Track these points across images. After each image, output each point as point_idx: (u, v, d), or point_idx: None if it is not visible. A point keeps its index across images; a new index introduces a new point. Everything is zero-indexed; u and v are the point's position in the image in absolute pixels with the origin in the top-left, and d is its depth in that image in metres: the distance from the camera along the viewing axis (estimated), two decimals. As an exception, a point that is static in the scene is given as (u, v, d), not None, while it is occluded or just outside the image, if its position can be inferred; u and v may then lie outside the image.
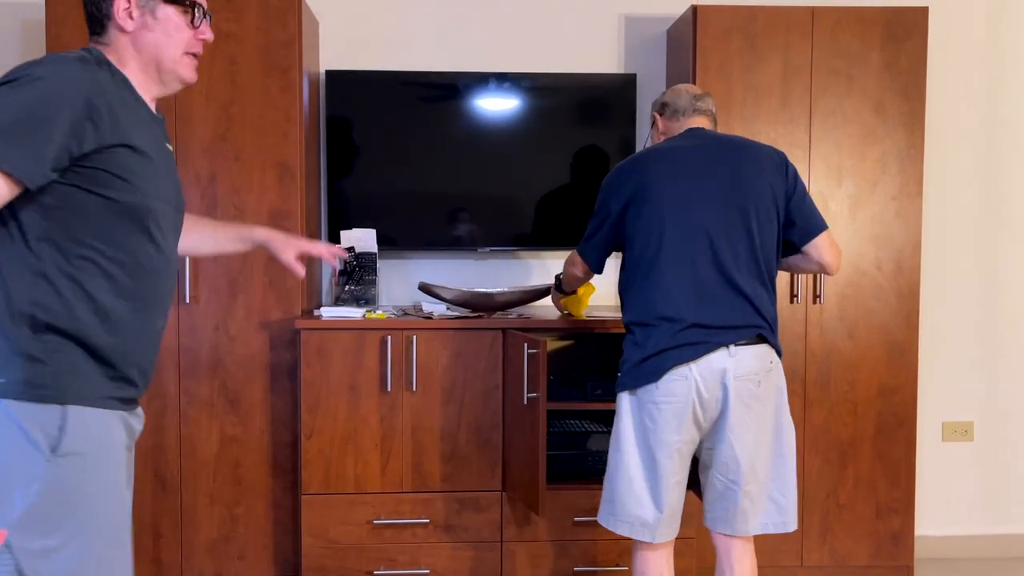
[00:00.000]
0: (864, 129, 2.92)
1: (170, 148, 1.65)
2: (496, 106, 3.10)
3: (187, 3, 1.57)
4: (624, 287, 2.20)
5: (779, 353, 2.14)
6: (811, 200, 2.18)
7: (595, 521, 2.30)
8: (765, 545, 2.94)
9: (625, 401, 2.14)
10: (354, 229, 3.01)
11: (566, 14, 3.24)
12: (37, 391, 1.42)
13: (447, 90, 3.09)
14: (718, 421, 2.08)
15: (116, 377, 1.50)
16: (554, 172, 3.12)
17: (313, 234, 3.03)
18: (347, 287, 2.99)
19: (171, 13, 1.55)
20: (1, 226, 1.44)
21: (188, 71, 1.60)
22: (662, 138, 2.29)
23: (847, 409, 2.94)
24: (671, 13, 3.20)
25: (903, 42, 2.90)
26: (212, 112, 2.77)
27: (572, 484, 2.76)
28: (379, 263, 3.06)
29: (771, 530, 2.17)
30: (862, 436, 2.95)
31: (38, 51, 2.94)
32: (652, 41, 3.25)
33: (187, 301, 2.77)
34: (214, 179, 2.78)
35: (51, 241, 1.43)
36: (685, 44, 2.96)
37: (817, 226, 2.16)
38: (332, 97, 3.06)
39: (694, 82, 2.87)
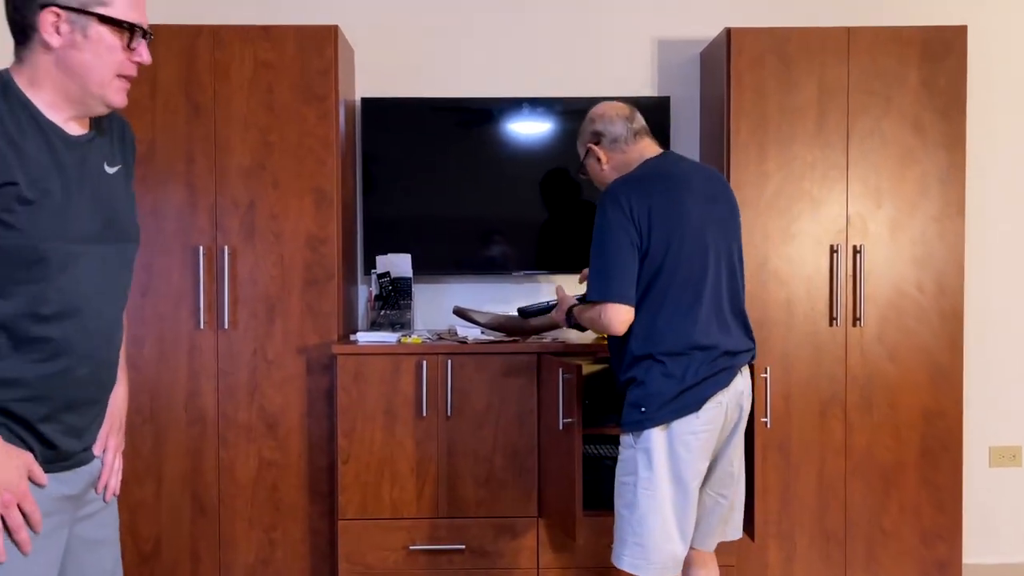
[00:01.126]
0: (903, 150, 2.88)
1: (108, 170, 1.49)
2: (529, 130, 3.12)
3: (124, 24, 1.40)
4: (647, 316, 2.08)
5: None
6: None
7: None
8: (807, 573, 2.89)
9: (657, 438, 2.05)
10: (389, 254, 3.04)
11: (599, 38, 3.26)
12: None
13: (481, 115, 3.12)
14: (725, 441, 2.15)
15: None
16: (588, 195, 3.12)
17: (350, 259, 3.06)
18: (382, 312, 3.01)
19: (104, 33, 1.39)
20: None
21: (117, 95, 1.44)
22: (607, 168, 2.25)
23: (890, 433, 2.88)
24: (704, 36, 3.19)
25: (942, 61, 2.87)
26: (251, 140, 2.82)
27: (609, 511, 2.73)
28: (414, 287, 3.08)
29: (733, 537, 2.26)
30: (906, 461, 2.89)
31: None
32: (685, 64, 3.25)
33: (225, 326, 2.81)
34: (252, 206, 2.82)
35: None
36: (719, 67, 2.95)
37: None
38: (367, 124, 3.10)
39: (728, 105, 2.86)
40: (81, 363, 1.41)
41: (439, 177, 3.12)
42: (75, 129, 1.45)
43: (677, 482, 2.06)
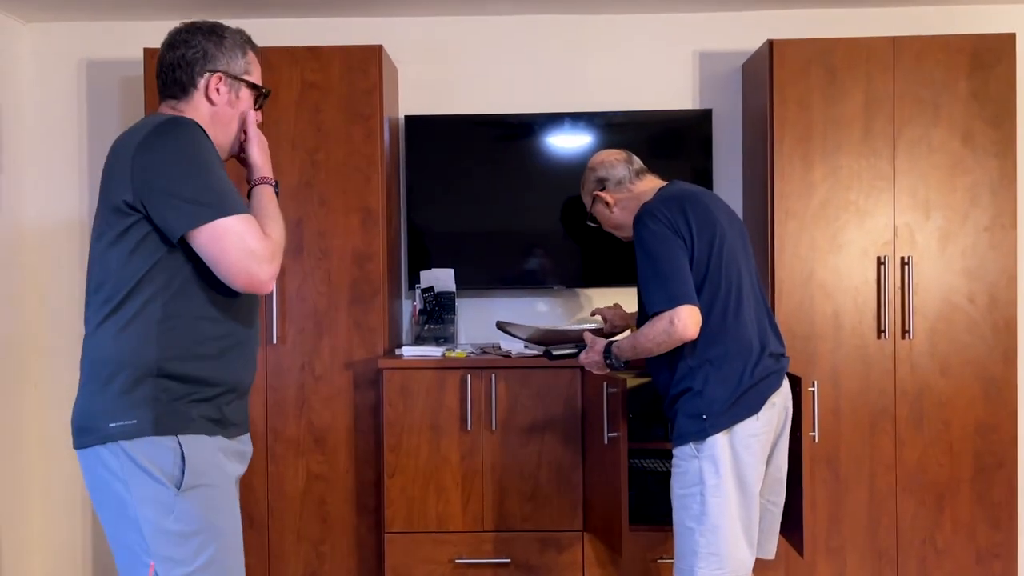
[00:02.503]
0: (952, 159, 2.83)
1: None
2: (571, 144, 3.13)
3: (263, 90, 1.80)
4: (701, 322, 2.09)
5: None
6: None
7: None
8: (858, 590, 2.84)
9: (721, 443, 2.07)
10: (433, 269, 3.07)
11: (640, 51, 3.26)
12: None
13: (522, 131, 3.14)
14: (775, 444, 2.19)
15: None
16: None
17: (394, 274, 3.09)
18: (427, 326, 3.04)
19: (247, 95, 1.77)
20: (152, 273, 1.62)
21: (237, 146, 1.81)
22: (616, 210, 2.36)
23: (942, 449, 2.83)
24: (747, 48, 3.18)
25: (991, 69, 2.82)
26: (298, 159, 2.88)
27: (655, 525, 2.72)
28: (457, 302, 3.11)
29: (769, 554, 2.28)
30: (959, 477, 2.83)
31: (136, 108, 3.11)
32: (727, 76, 3.24)
33: (274, 341, 2.86)
34: (300, 224, 2.88)
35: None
36: (761, 78, 2.94)
37: None
38: (411, 141, 3.15)
39: (771, 116, 2.84)
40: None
41: (481, 192, 3.14)
42: None
43: (742, 487, 2.09)
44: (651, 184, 2.33)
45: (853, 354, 2.84)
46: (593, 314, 2.92)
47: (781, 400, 2.17)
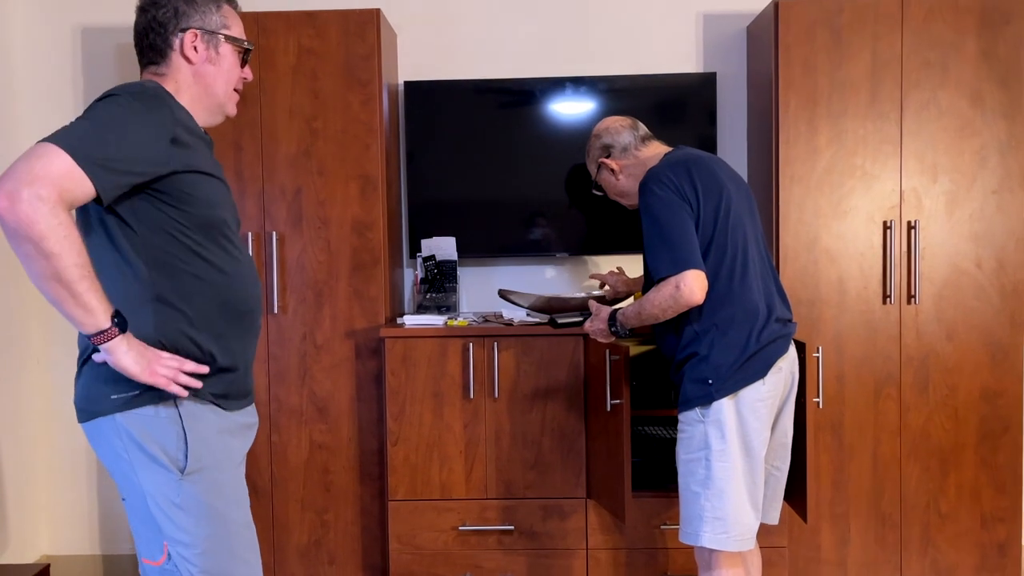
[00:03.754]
0: (960, 121, 2.79)
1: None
2: (573, 110, 3.09)
3: (244, 44, 1.73)
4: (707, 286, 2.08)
5: None
6: None
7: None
8: (862, 556, 2.84)
9: (727, 408, 2.07)
10: (434, 237, 3.05)
11: (643, 14, 3.21)
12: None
13: (524, 96, 3.10)
14: (780, 410, 2.18)
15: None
16: (633, 175, 3.09)
17: (395, 243, 3.07)
18: (428, 295, 3.02)
19: (228, 51, 1.71)
20: (115, 255, 1.58)
21: (233, 106, 1.76)
22: (622, 177, 2.36)
23: (948, 414, 2.81)
24: (751, 9, 3.12)
25: (1000, 28, 2.76)
26: (296, 127, 2.84)
27: (658, 491, 2.72)
28: (459, 270, 3.08)
29: (773, 520, 2.27)
30: (964, 443, 2.82)
31: (133, 76, 3.07)
32: (732, 39, 3.19)
33: (275, 311, 2.85)
34: (299, 192, 2.85)
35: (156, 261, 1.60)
36: (766, 41, 2.88)
37: None
38: (411, 108, 3.10)
39: (776, 80, 2.79)
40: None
41: (482, 159, 3.11)
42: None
43: (747, 451, 2.08)
44: (656, 150, 2.31)
45: (858, 320, 2.82)
46: (592, 278, 2.91)
47: (788, 365, 2.16)
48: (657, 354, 3.04)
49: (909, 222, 2.80)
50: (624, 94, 3.07)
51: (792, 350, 2.20)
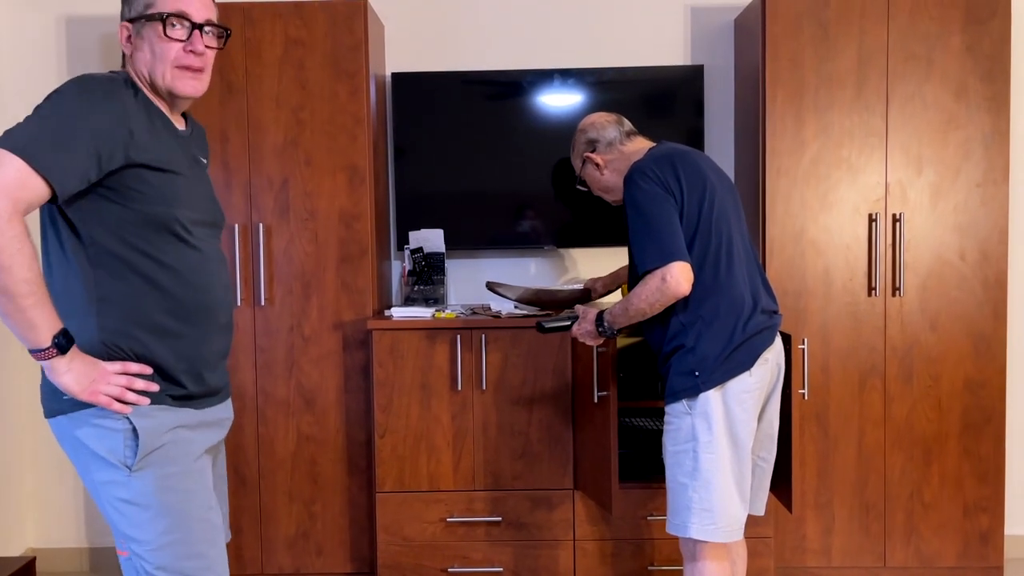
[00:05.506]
0: (945, 115, 2.81)
1: (203, 161, 1.74)
2: (561, 102, 3.09)
3: (160, 17, 1.58)
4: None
5: None
6: None
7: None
8: (846, 545, 2.87)
9: (714, 399, 2.08)
10: (422, 229, 3.05)
11: (631, 6, 3.21)
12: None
13: (511, 88, 3.09)
14: (767, 401, 2.20)
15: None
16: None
17: (383, 234, 3.07)
18: (416, 287, 3.02)
19: (152, 32, 1.59)
20: (60, 254, 1.56)
21: (183, 84, 1.61)
22: (607, 172, 2.35)
23: (931, 405, 2.84)
24: (739, 2, 3.13)
25: (985, 23, 2.78)
26: (283, 118, 2.83)
27: (645, 483, 2.74)
28: (447, 262, 3.08)
29: (759, 511, 2.29)
30: (948, 432, 2.85)
31: (117, 64, 3.05)
32: (719, 31, 3.20)
33: (262, 303, 2.84)
34: (286, 183, 2.84)
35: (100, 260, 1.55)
36: (754, 34, 2.89)
37: None
38: (398, 99, 3.10)
39: (763, 73, 2.80)
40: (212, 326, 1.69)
41: (470, 151, 3.11)
42: (179, 125, 1.68)
43: (735, 442, 2.10)
44: (640, 145, 2.32)
45: (843, 311, 2.84)
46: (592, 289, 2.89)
47: (774, 356, 2.18)
48: (644, 346, 3.05)
49: (894, 214, 2.82)
50: (612, 86, 3.08)
51: (778, 341, 2.21)
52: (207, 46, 1.63)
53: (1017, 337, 3.14)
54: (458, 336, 2.72)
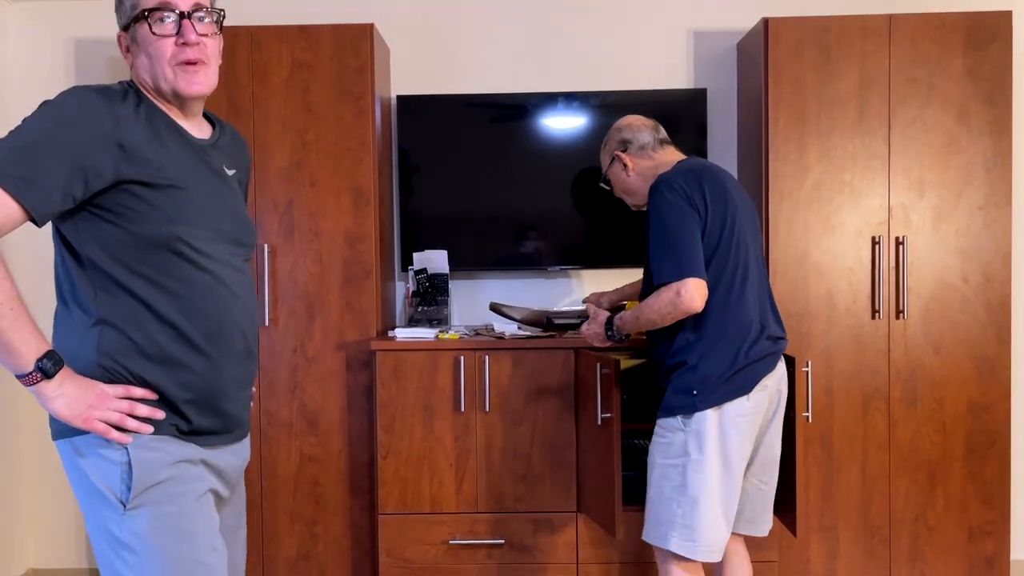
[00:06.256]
0: (947, 138, 2.82)
1: (229, 172, 1.59)
2: (565, 125, 3.11)
3: (143, 15, 1.47)
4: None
5: None
6: None
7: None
8: (851, 569, 2.85)
9: (710, 419, 2.08)
10: (426, 250, 3.06)
11: (634, 31, 3.23)
12: None
13: (516, 111, 3.12)
14: (767, 427, 2.19)
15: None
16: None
17: (387, 256, 3.08)
18: (420, 308, 3.03)
19: (143, 30, 1.48)
20: (65, 272, 1.48)
21: (183, 82, 1.48)
22: (633, 174, 2.32)
23: (935, 428, 2.83)
24: (741, 27, 3.16)
25: (986, 47, 2.80)
26: (289, 139, 2.85)
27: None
28: (450, 283, 3.09)
29: (763, 532, 2.28)
30: (952, 456, 2.83)
31: (126, 86, 3.07)
32: (722, 55, 3.22)
33: (266, 323, 2.85)
34: (291, 205, 2.86)
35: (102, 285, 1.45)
36: (756, 58, 2.92)
37: None
38: (403, 122, 3.12)
39: (766, 96, 2.82)
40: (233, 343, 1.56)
41: (475, 173, 3.12)
42: (199, 132, 1.55)
43: (726, 465, 2.09)
44: (671, 156, 2.30)
45: (847, 334, 2.84)
46: (584, 301, 2.91)
47: (774, 383, 2.18)
48: (647, 368, 3.05)
49: (897, 237, 2.83)
50: (615, 109, 3.09)
51: (780, 367, 2.21)
52: (201, 34, 1.49)
53: (1021, 361, 3.13)
54: (461, 357, 2.72)
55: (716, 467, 2.08)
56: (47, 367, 1.38)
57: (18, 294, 1.37)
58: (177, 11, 1.47)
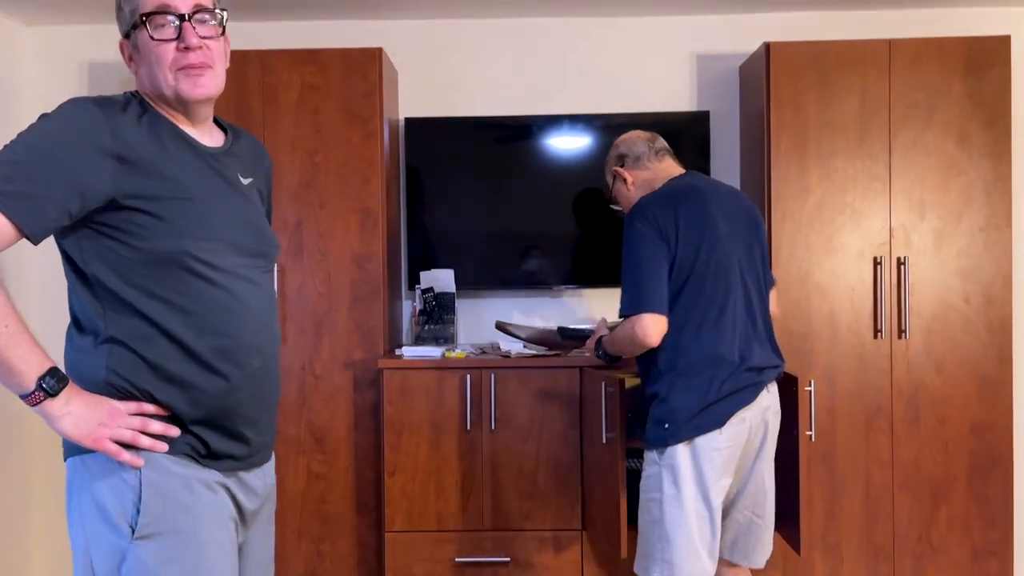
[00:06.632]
0: (947, 161, 2.86)
1: (244, 180, 1.53)
2: (570, 146, 3.16)
3: (142, 20, 1.40)
4: (672, 330, 2.08)
5: None
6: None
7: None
8: (854, 588, 2.86)
9: (682, 454, 2.06)
10: (433, 270, 3.10)
11: (639, 54, 3.29)
12: None
13: (522, 133, 3.16)
14: (754, 458, 2.15)
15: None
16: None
17: (394, 275, 3.11)
18: (427, 326, 3.06)
19: (144, 39, 1.41)
20: (74, 288, 1.42)
21: (187, 86, 1.41)
22: (633, 188, 2.31)
23: (938, 447, 2.85)
24: (744, 51, 3.21)
25: (986, 71, 2.85)
26: (298, 161, 2.90)
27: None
28: (457, 302, 3.13)
29: (760, 564, 2.26)
30: (955, 475, 2.85)
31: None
32: (724, 78, 3.27)
33: (275, 342, 2.88)
34: (300, 225, 2.90)
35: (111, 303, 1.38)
36: (758, 81, 2.96)
37: (772, 278, 2.31)
38: (411, 143, 3.17)
39: (768, 119, 2.87)
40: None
41: (481, 194, 3.17)
42: (210, 140, 1.49)
43: (702, 499, 2.07)
44: (668, 170, 2.27)
45: (849, 353, 2.86)
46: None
47: (755, 414, 2.12)
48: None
49: (899, 258, 2.86)
50: (620, 131, 3.09)
51: (766, 398, 2.15)
52: (203, 37, 1.42)
53: (1023, 380, 3.15)
54: (468, 375, 2.75)
55: (691, 502, 2.06)
56: (49, 385, 1.32)
57: (14, 311, 1.30)
58: (177, 14, 1.40)
